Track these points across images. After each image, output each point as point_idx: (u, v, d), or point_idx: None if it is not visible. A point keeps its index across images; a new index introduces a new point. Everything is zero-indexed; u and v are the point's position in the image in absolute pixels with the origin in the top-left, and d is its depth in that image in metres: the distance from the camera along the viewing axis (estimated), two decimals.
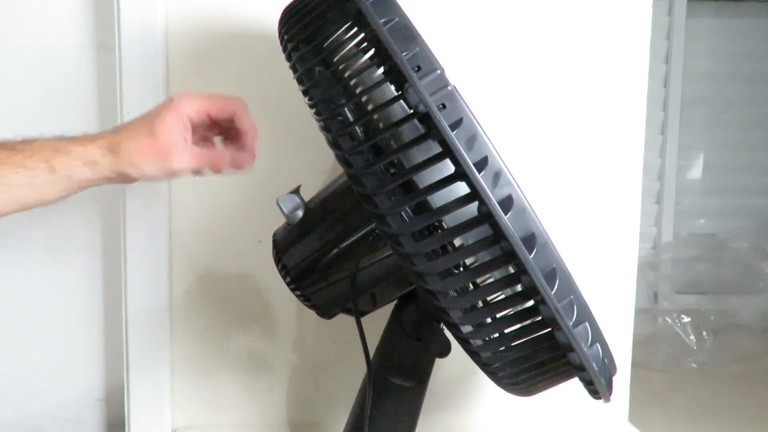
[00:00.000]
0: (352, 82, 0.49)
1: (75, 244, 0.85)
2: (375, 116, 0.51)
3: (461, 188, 0.41)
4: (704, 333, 1.29)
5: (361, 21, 0.44)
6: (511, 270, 0.43)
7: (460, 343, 0.51)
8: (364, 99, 0.52)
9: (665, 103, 1.59)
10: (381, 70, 0.44)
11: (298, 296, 0.63)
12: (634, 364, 0.87)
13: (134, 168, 0.55)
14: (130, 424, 0.82)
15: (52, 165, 0.54)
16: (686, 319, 1.31)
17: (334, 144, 0.48)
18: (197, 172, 0.58)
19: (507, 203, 0.40)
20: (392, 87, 0.44)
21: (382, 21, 0.41)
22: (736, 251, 1.51)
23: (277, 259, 0.63)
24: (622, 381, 0.86)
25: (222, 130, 0.62)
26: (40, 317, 0.86)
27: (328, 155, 0.80)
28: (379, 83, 0.44)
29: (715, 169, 1.65)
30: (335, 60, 0.48)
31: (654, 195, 1.62)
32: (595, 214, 0.84)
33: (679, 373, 1.24)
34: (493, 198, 0.39)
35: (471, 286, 0.54)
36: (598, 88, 0.82)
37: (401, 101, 0.43)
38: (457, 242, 0.49)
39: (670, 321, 1.31)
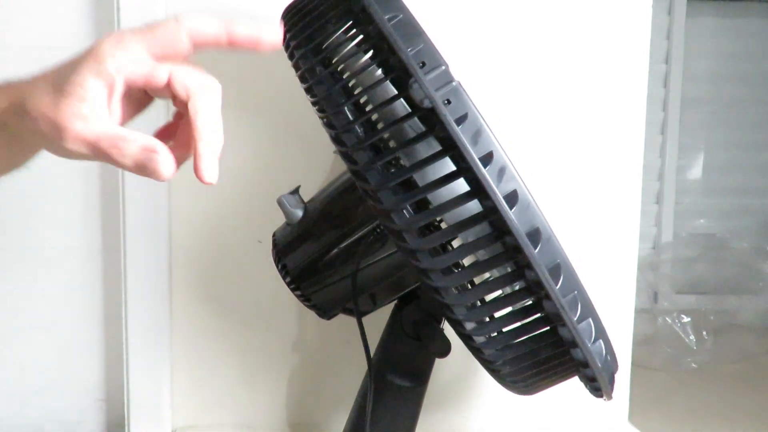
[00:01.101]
0: (356, 79, 0.49)
1: (75, 244, 0.85)
2: (380, 112, 0.51)
3: (466, 184, 0.41)
4: (704, 333, 1.29)
5: (365, 17, 0.44)
6: (516, 265, 0.43)
7: (463, 340, 0.51)
8: (367, 96, 0.52)
9: (665, 103, 1.59)
10: (386, 66, 0.44)
11: (298, 296, 0.63)
12: (634, 364, 0.87)
13: (44, 140, 0.40)
14: (130, 424, 0.82)
15: None
16: (686, 319, 1.30)
17: (337, 141, 0.48)
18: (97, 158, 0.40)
19: (512, 198, 0.40)
20: (397, 83, 0.43)
21: (386, 17, 0.42)
22: (736, 251, 1.50)
23: (277, 259, 0.63)
24: (622, 381, 0.86)
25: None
26: (40, 317, 0.85)
27: (328, 155, 0.81)
28: (384, 79, 0.44)
29: (715, 169, 1.65)
30: (339, 57, 0.48)
31: (654, 195, 1.62)
32: (595, 214, 0.84)
33: (679, 373, 1.24)
34: (498, 193, 0.40)
35: (476, 282, 0.54)
36: (598, 88, 0.82)
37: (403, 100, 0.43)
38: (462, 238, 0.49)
39: (670, 321, 1.31)
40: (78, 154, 0.39)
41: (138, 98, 0.43)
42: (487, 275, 0.52)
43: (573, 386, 0.56)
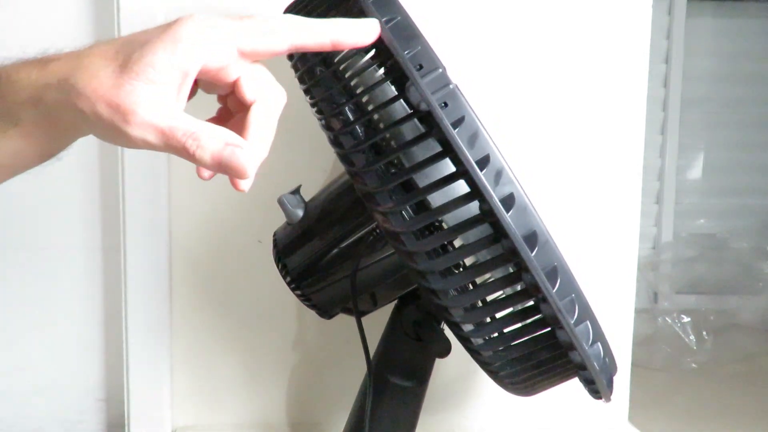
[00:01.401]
0: (354, 82, 0.49)
1: (75, 244, 0.85)
2: (376, 115, 0.51)
3: (463, 186, 0.41)
4: (704, 333, 1.29)
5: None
6: (513, 268, 0.43)
7: (461, 341, 0.51)
8: (365, 98, 0.52)
9: (665, 103, 1.59)
10: (383, 69, 0.44)
11: (298, 296, 0.63)
12: (634, 364, 0.87)
13: (81, 118, 0.35)
14: (130, 424, 0.82)
15: None
16: (686, 319, 1.30)
17: (335, 142, 0.48)
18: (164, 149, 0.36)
19: (509, 201, 0.40)
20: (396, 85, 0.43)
21: (384, 20, 0.41)
22: (736, 251, 1.50)
23: (278, 259, 0.63)
24: (622, 381, 0.86)
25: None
26: (39, 317, 0.85)
27: (328, 155, 0.81)
28: (381, 81, 0.44)
29: (715, 169, 1.65)
30: (337, 59, 0.48)
31: (654, 195, 1.62)
32: (595, 214, 0.84)
33: (679, 373, 1.24)
34: (495, 196, 0.39)
35: (472, 285, 0.54)
36: (598, 88, 0.82)
37: (402, 101, 0.43)
38: (459, 241, 0.49)
39: (670, 321, 1.31)
40: (140, 142, 0.35)
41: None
42: (484, 277, 0.52)
43: (573, 386, 0.56)
